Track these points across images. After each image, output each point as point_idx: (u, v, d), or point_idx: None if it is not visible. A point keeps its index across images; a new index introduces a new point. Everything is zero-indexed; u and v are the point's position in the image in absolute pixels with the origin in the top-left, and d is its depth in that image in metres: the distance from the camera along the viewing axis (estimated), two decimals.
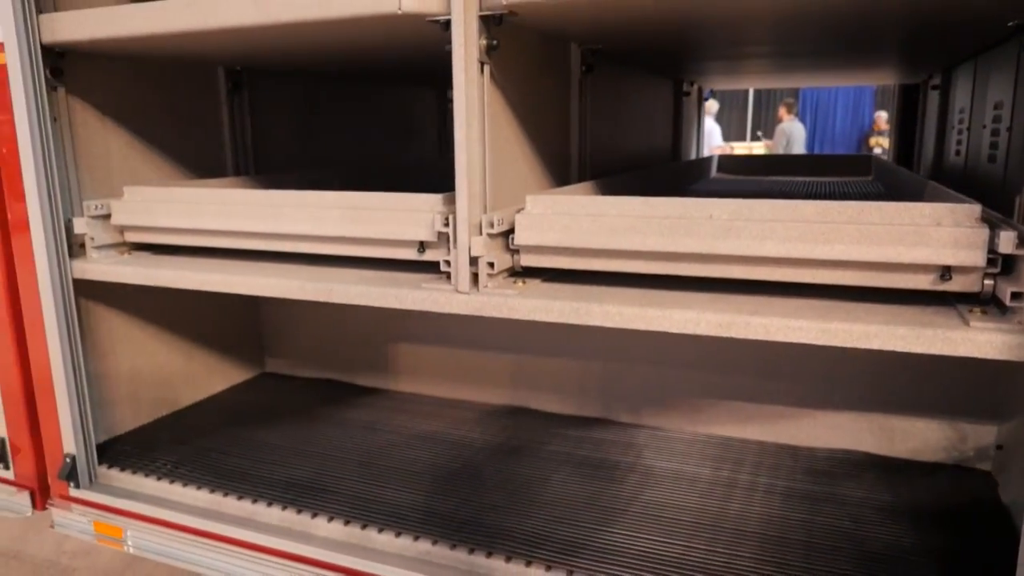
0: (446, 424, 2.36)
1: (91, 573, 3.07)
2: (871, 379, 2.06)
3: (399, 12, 1.45)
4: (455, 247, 1.53)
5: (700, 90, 4.00)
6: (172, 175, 2.39)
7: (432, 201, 1.61)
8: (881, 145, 12.99)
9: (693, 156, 4.07)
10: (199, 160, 2.50)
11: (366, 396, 2.63)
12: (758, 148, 14.29)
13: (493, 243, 1.54)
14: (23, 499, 2.17)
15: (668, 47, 2.46)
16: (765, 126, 16.47)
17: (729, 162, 4.10)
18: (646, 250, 1.45)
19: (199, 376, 2.61)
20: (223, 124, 2.60)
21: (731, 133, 16.11)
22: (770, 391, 2.18)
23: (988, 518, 1.74)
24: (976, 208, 1.27)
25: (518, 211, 1.56)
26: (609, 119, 2.50)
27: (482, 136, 1.53)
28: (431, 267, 1.67)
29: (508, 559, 1.61)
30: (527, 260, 1.56)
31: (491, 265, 1.52)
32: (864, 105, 15.46)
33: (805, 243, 1.32)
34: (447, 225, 1.55)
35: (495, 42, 1.50)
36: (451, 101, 3.95)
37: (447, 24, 1.49)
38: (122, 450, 2.19)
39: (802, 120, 13.16)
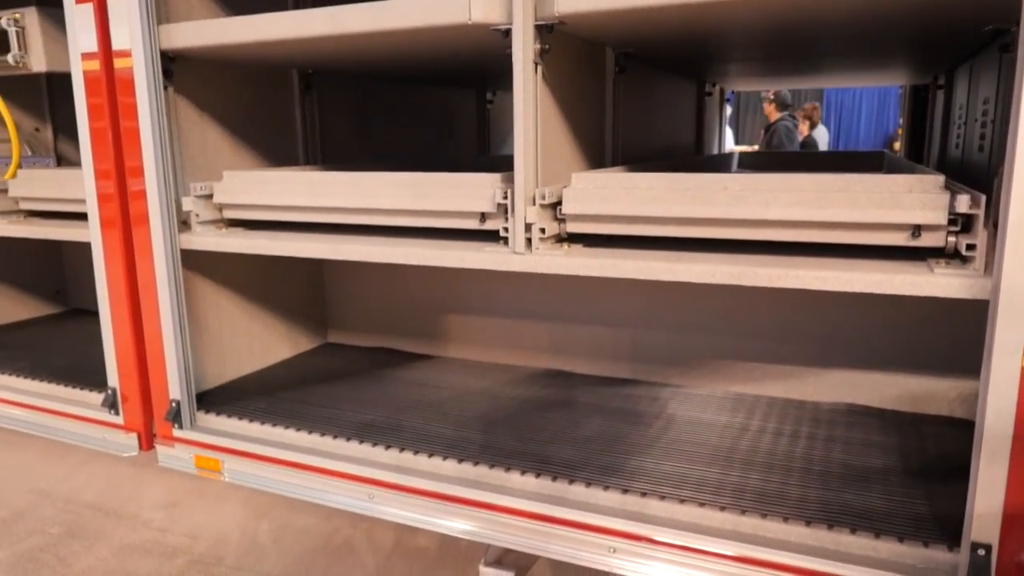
0: (493, 382, 2.68)
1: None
2: (869, 340, 2.35)
3: (469, 22, 1.78)
4: (513, 215, 1.85)
5: (722, 91, 4.30)
6: (254, 165, 2.74)
7: (492, 179, 1.93)
8: (890, 151, 13.13)
9: (716, 152, 4.37)
10: (275, 152, 2.85)
11: (420, 360, 2.96)
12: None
13: (544, 213, 1.86)
14: (131, 441, 2.53)
15: (691, 51, 2.77)
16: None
17: (749, 158, 4.39)
18: (670, 216, 1.76)
19: (271, 342, 2.95)
20: (296, 121, 2.94)
21: (750, 136, 16.33)
22: (780, 353, 2.47)
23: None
24: (940, 178, 1.56)
25: (564, 186, 1.88)
26: (638, 115, 2.81)
27: (535, 125, 1.85)
28: (487, 236, 2.00)
29: (554, 479, 1.93)
30: (572, 227, 1.88)
31: (542, 231, 1.84)
32: (889, 109, 15.60)
33: (803, 207, 1.63)
34: (506, 198, 1.87)
35: (547, 47, 1.82)
36: (490, 102, 4.32)
37: (507, 32, 1.81)
38: (214, 399, 2.54)
39: (825, 124, 13.31)
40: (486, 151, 4.40)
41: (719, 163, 3.82)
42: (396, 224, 2.15)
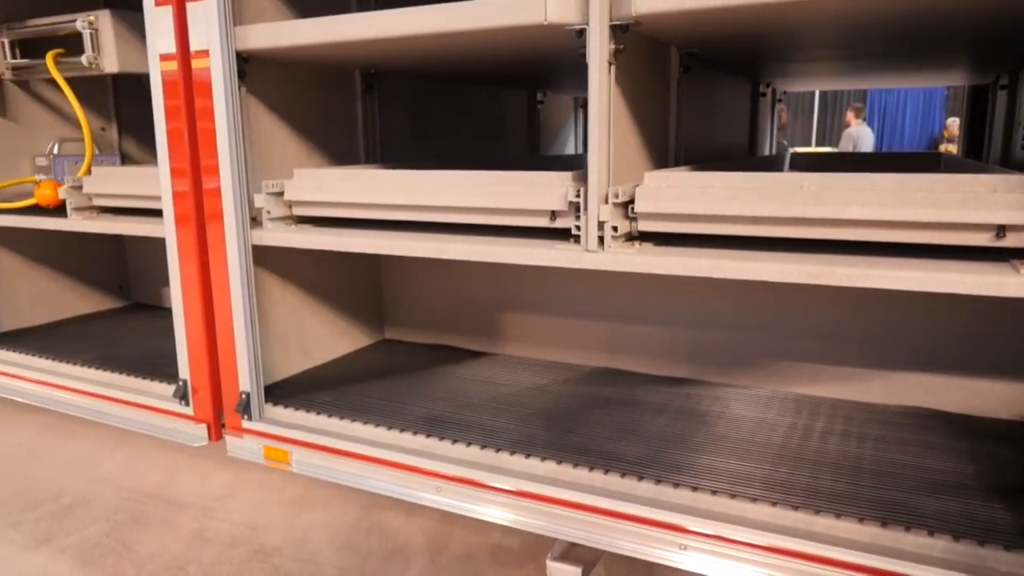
0: (552, 380, 2.71)
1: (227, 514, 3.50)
2: (934, 342, 2.32)
3: (544, 23, 1.80)
4: (585, 213, 1.87)
5: (774, 91, 4.27)
6: (318, 163, 2.80)
7: (564, 177, 1.95)
8: (946, 152, 12.90)
9: (767, 152, 4.34)
10: (337, 151, 2.90)
11: (477, 357, 2.99)
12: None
13: (616, 211, 1.87)
14: (201, 431, 2.60)
15: (750, 51, 2.76)
16: (831, 132, 16.43)
17: (801, 159, 4.35)
18: (746, 215, 1.76)
19: (332, 338, 3.01)
20: (357, 120, 3.00)
21: (796, 139, 16.15)
22: (842, 354, 2.46)
23: None
24: None
25: (636, 185, 1.90)
26: (698, 115, 2.81)
27: (608, 125, 1.86)
28: (556, 234, 2.02)
29: (622, 475, 1.94)
30: (644, 225, 1.89)
31: (615, 229, 1.86)
32: (934, 110, 15.32)
33: (883, 207, 1.62)
34: (578, 196, 1.89)
35: (621, 47, 1.84)
36: (541, 102, 4.34)
37: (580, 32, 1.84)
38: (280, 392, 2.60)
39: (869, 125, 13.14)
40: (536, 151, 4.43)
41: (773, 164, 3.79)
42: (462, 221, 2.18)
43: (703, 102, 2.86)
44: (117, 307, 4.03)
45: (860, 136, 9.92)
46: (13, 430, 4.11)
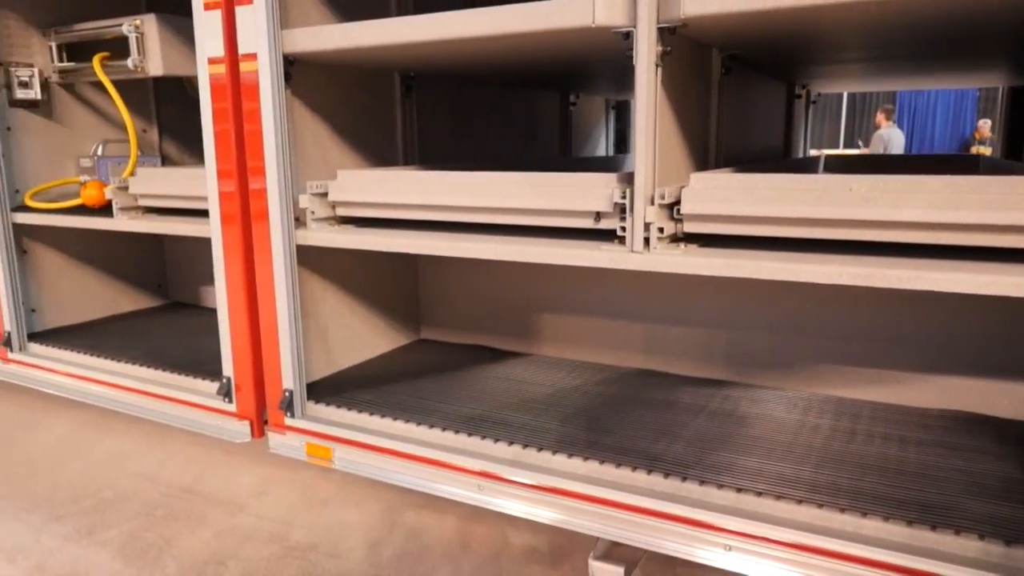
0: (588, 380, 2.72)
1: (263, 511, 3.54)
2: (977, 346, 2.30)
3: (593, 25, 1.82)
4: (631, 215, 1.88)
5: (808, 93, 4.25)
6: (358, 164, 2.83)
7: (609, 179, 1.97)
8: (983, 154, 12.72)
9: (801, 154, 4.32)
10: (377, 152, 2.94)
11: (514, 357, 3.01)
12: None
13: (661, 212, 1.88)
14: (244, 428, 2.64)
15: (790, 53, 2.76)
16: (858, 134, 16.26)
17: (835, 161, 4.32)
18: (793, 217, 1.76)
19: (370, 337, 3.04)
20: (396, 122, 3.03)
21: (824, 140, 16.01)
22: (882, 357, 2.44)
23: None
24: None
25: (683, 186, 1.90)
26: (736, 117, 2.81)
27: (655, 126, 1.87)
28: (597, 235, 2.03)
29: (666, 475, 1.95)
30: (690, 227, 1.90)
31: (660, 230, 1.87)
32: (965, 112, 15.12)
33: (935, 209, 1.62)
34: (624, 197, 1.90)
35: (668, 49, 1.85)
36: (573, 104, 4.35)
37: (627, 34, 1.85)
38: (320, 390, 2.63)
39: (899, 126, 13.00)
40: (568, 152, 4.44)
41: (808, 166, 3.78)
42: (506, 222, 2.20)
43: (741, 104, 2.86)
44: (155, 305, 4.10)
45: (891, 138, 9.81)
46: (50, 426, 4.19)
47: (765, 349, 2.62)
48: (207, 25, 2.37)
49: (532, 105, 4.10)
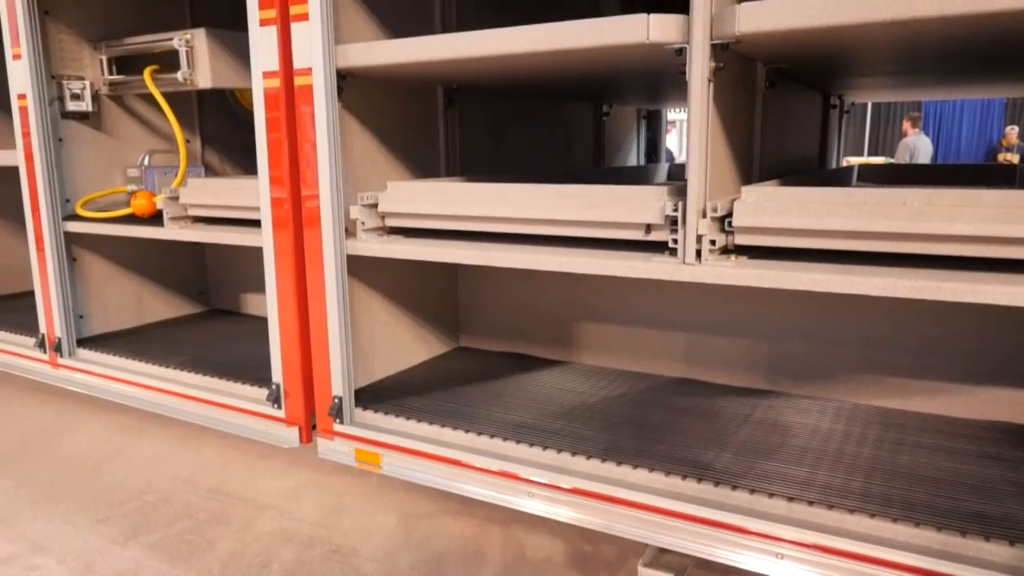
0: (630, 388, 2.75)
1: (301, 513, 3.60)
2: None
3: (647, 42, 1.86)
4: (684, 227, 1.92)
5: (843, 102, 4.26)
6: (403, 175, 2.88)
7: (660, 191, 2.00)
8: (1010, 160, 12.59)
9: (835, 165, 4.33)
10: (420, 163, 2.99)
11: (554, 366, 3.05)
12: (876, 163, 14.07)
13: (713, 225, 1.91)
14: (292, 433, 2.70)
15: (832, 65, 2.78)
16: (883, 141, 16.17)
17: (869, 171, 4.33)
18: (846, 230, 1.79)
19: (412, 345, 3.09)
20: (439, 133, 3.09)
21: (848, 148, 15.92)
22: (929, 367, 2.46)
23: None
24: None
25: (733, 199, 1.94)
26: (778, 129, 2.84)
27: (707, 141, 1.91)
28: (644, 246, 2.07)
29: (715, 484, 1.98)
30: (741, 239, 1.93)
31: (712, 242, 1.90)
32: (992, 118, 14.98)
33: (989, 223, 1.64)
34: (675, 210, 1.94)
35: (721, 65, 1.88)
36: (606, 114, 4.39)
37: (680, 50, 1.89)
38: (365, 397, 2.68)
39: (925, 133, 12.92)
40: (601, 162, 4.48)
41: (843, 177, 3.79)
42: (555, 234, 2.24)
43: (782, 116, 2.89)
44: (197, 312, 4.18)
45: (917, 146, 9.75)
46: (90, 431, 4.28)
47: (807, 359, 2.64)
48: (263, 41, 2.44)
49: (567, 115, 4.15)
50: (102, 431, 4.27)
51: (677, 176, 4.43)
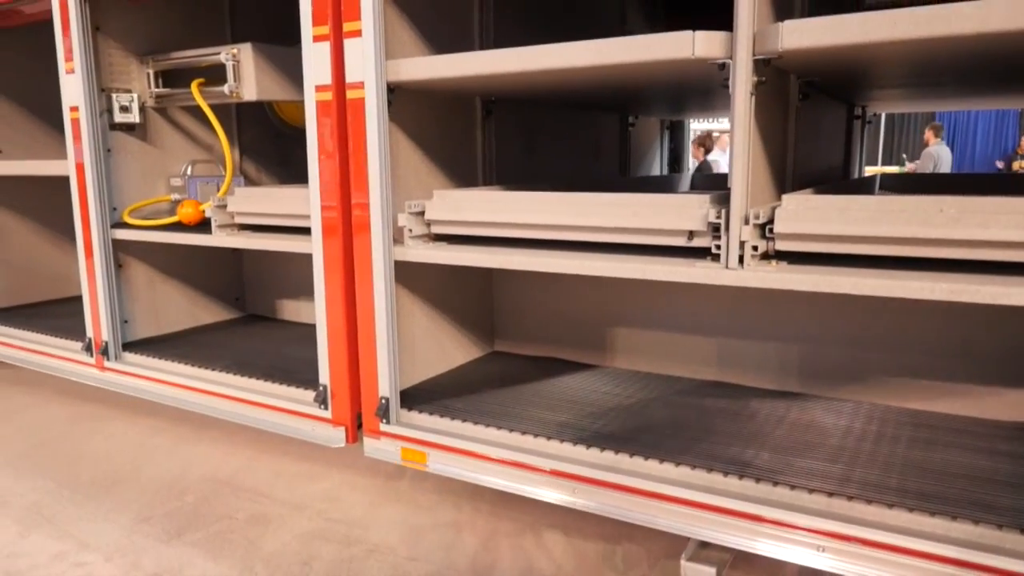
0: (666, 391, 2.83)
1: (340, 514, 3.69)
2: None
3: (692, 57, 1.96)
4: (727, 233, 2.01)
5: (865, 113, 4.35)
6: (444, 184, 2.98)
7: (702, 200, 2.10)
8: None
9: (857, 174, 4.41)
10: (459, 172, 3.09)
11: (589, 369, 3.14)
12: (892, 171, 14.10)
13: (755, 231, 2.00)
14: (338, 434, 2.79)
15: (858, 77, 2.87)
16: (897, 151, 16.21)
17: (890, 181, 4.41)
18: (886, 236, 1.88)
19: (450, 348, 3.19)
20: (477, 144, 3.19)
21: (863, 157, 15.98)
22: (957, 370, 2.53)
23: None
24: None
25: (774, 207, 2.02)
26: (809, 139, 2.93)
27: (749, 151, 2.00)
28: (687, 252, 2.16)
29: (757, 480, 2.06)
30: (782, 245, 2.02)
31: (755, 248, 1.99)
32: (1007, 127, 15.01)
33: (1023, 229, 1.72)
34: (718, 217, 2.03)
35: (763, 79, 1.98)
36: (632, 125, 4.49)
37: (722, 65, 1.98)
38: (409, 398, 2.78)
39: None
40: (626, 171, 4.58)
41: (866, 186, 3.87)
42: (593, 240, 2.33)
43: (812, 127, 2.98)
44: (234, 318, 4.29)
45: (940, 155, 9.81)
46: (126, 434, 4.38)
47: (838, 362, 2.72)
48: (316, 56, 2.55)
49: (594, 126, 4.25)
50: (138, 434, 4.38)
51: (700, 185, 4.53)
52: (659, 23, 4.65)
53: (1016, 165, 13.54)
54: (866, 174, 4.84)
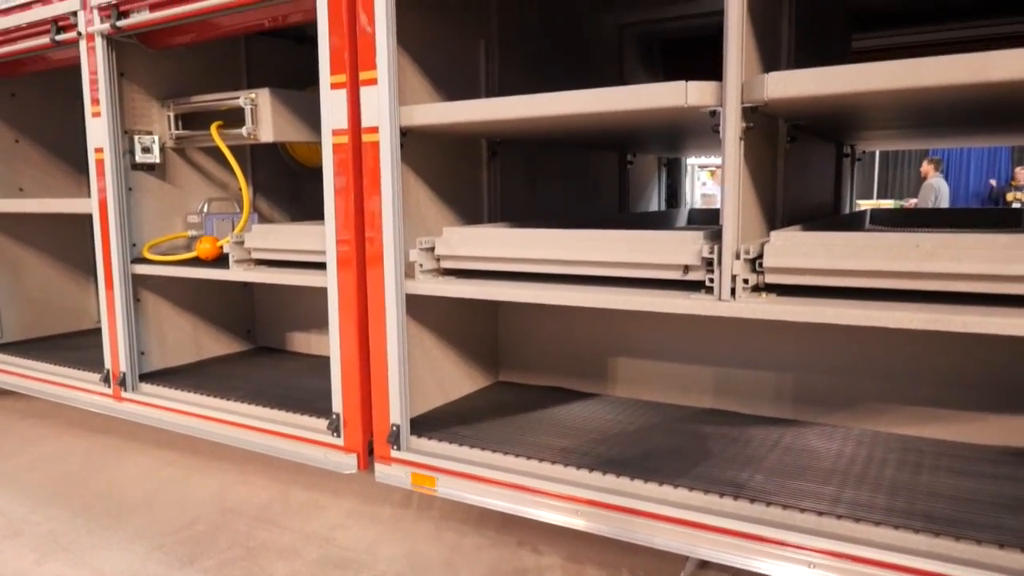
0: (666, 418, 2.95)
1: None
2: None
3: (685, 106, 2.12)
4: (719, 268, 2.15)
5: (855, 151, 4.53)
6: (451, 221, 3.13)
7: (696, 236, 2.24)
8: (1020, 200, 12.83)
9: (848, 209, 4.58)
10: (466, 209, 3.24)
11: (591, 398, 3.26)
12: (886, 206, 14.34)
13: (745, 266, 2.15)
14: (351, 460, 2.90)
15: (843, 119, 3.04)
16: (892, 185, 16.47)
17: (881, 215, 4.57)
18: (866, 270, 2.02)
19: (457, 378, 3.31)
20: (482, 183, 3.35)
21: (857, 192, 16.24)
22: (944, 397, 2.65)
23: None
24: None
25: (763, 242, 2.17)
26: (798, 178, 3.08)
27: (739, 191, 2.15)
28: (682, 285, 2.30)
29: (751, 501, 2.17)
30: (771, 278, 2.16)
31: (745, 281, 2.13)
32: (1001, 161, 15.26)
33: (992, 263, 1.86)
34: (711, 252, 2.17)
35: (751, 124, 2.13)
36: (630, 163, 4.66)
37: (713, 112, 2.14)
38: (420, 426, 2.89)
39: None
40: (625, 207, 4.74)
41: (857, 221, 4.03)
42: (594, 274, 2.48)
43: (801, 166, 3.14)
44: (245, 350, 4.42)
45: (940, 188, 10.03)
46: (138, 464, 4.47)
47: (830, 390, 2.84)
48: (333, 102, 2.72)
49: (594, 164, 4.42)
50: (150, 464, 4.47)
51: (696, 221, 4.69)
52: (656, 68, 4.85)
53: (1010, 196, 13.75)
54: (859, 208, 5.01)
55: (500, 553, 3.53)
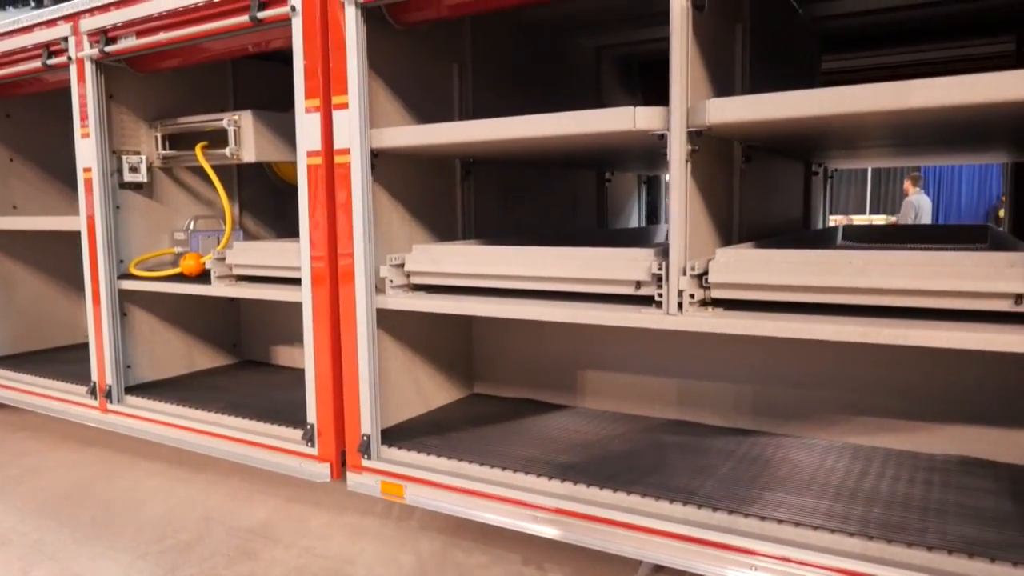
0: (629, 429, 3.05)
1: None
2: (978, 397, 2.60)
3: (633, 129, 2.23)
4: (667, 283, 2.26)
5: (825, 170, 4.65)
6: (424, 238, 3.24)
7: (647, 253, 2.35)
8: (991, 226, 12.94)
9: (820, 225, 4.69)
10: (439, 226, 3.35)
11: (560, 409, 3.36)
12: (878, 221, 14.49)
13: (692, 281, 2.25)
14: (324, 469, 3.00)
15: (804, 142, 3.15)
16: (884, 200, 16.61)
17: (853, 231, 4.68)
18: (803, 285, 2.12)
19: (430, 390, 3.41)
20: (456, 201, 3.47)
21: (850, 206, 16.40)
22: (895, 408, 2.75)
23: None
24: None
25: (709, 259, 2.28)
26: (757, 195, 3.20)
27: (685, 210, 2.26)
28: (636, 300, 2.40)
29: (699, 507, 2.27)
30: (716, 293, 2.27)
31: (691, 296, 2.24)
32: (992, 179, 15.40)
33: (919, 279, 1.97)
34: (660, 269, 2.28)
35: (696, 147, 2.25)
36: (608, 180, 4.78)
37: (661, 136, 2.26)
38: (391, 436, 2.99)
39: (925, 194, 13.30)
40: (604, 224, 4.85)
41: (827, 237, 4.14)
42: (555, 289, 2.59)
43: (762, 184, 3.25)
44: (231, 363, 4.52)
45: (921, 204, 10.12)
46: (124, 476, 4.56)
47: (788, 401, 2.94)
48: (308, 125, 2.84)
49: (572, 182, 4.54)
50: (137, 476, 4.56)
51: None
52: (634, 89, 4.99)
53: (1002, 213, 13.84)
54: (832, 224, 5.12)
55: (474, 558, 3.60)
